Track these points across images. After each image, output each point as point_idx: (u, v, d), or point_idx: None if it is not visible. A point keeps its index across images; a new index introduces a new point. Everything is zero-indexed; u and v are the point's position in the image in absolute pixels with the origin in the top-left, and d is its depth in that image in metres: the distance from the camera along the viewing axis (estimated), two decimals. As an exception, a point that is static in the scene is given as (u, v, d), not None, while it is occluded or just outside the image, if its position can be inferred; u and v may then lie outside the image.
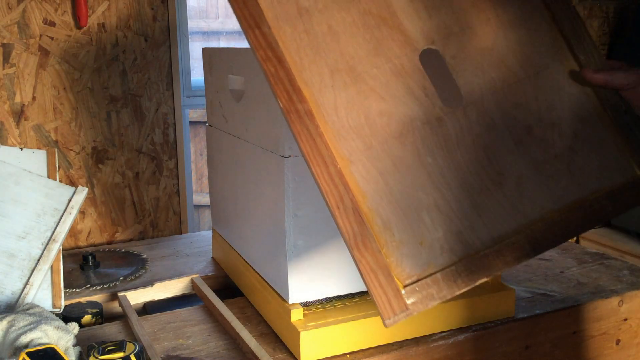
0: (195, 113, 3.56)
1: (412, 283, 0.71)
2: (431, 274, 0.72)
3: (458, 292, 0.72)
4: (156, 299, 1.26)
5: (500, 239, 0.75)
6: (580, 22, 0.82)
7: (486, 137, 0.77)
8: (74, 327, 1.01)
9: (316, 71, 0.73)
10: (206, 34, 4.50)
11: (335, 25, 0.75)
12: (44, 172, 1.20)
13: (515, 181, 0.77)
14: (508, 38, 0.80)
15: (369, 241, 0.71)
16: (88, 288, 1.27)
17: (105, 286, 1.28)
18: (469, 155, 0.76)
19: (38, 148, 1.43)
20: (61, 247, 1.16)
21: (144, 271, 1.37)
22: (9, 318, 0.96)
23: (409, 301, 0.70)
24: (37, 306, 1.04)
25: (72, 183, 1.60)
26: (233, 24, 4.50)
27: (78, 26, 1.55)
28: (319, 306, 1.03)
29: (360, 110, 0.74)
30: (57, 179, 1.20)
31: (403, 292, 0.71)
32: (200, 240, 1.61)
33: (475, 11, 0.80)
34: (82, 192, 1.20)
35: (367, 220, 0.71)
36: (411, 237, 0.72)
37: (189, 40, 1.74)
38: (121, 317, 1.16)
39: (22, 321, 0.95)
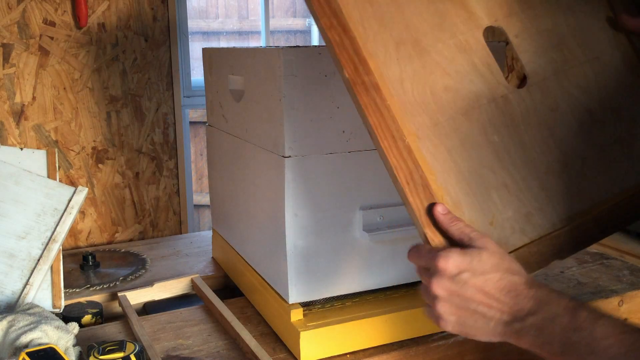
0: (195, 113, 3.56)
1: None
2: None
3: (532, 273, 0.70)
4: (156, 299, 1.26)
5: (569, 220, 0.73)
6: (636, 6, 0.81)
7: (550, 118, 0.75)
8: (74, 327, 1.01)
9: (381, 42, 0.71)
10: (206, 34, 4.50)
11: (405, 6, 0.72)
12: (44, 172, 1.20)
13: (579, 163, 0.75)
14: (568, 21, 0.79)
15: None
16: (88, 288, 1.27)
17: (105, 286, 1.28)
18: (534, 135, 0.74)
19: (38, 148, 1.43)
20: (61, 247, 1.16)
21: (144, 271, 1.37)
22: (9, 318, 0.96)
23: None
24: (37, 306, 1.04)
25: (72, 183, 1.60)
26: (233, 24, 4.50)
27: (78, 26, 1.55)
28: (319, 306, 1.03)
29: (426, 85, 0.71)
30: (57, 179, 1.20)
31: None
32: (200, 240, 1.61)
33: None
34: (82, 192, 1.20)
35: (437, 197, 0.69)
36: (481, 216, 0.71)
37: (189, 40, 1.74)
38: (121, 317, 1.16)
39: (22, 321, 0.95)
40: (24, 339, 0.91)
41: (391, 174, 0.69)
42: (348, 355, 0.99)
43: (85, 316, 1.12)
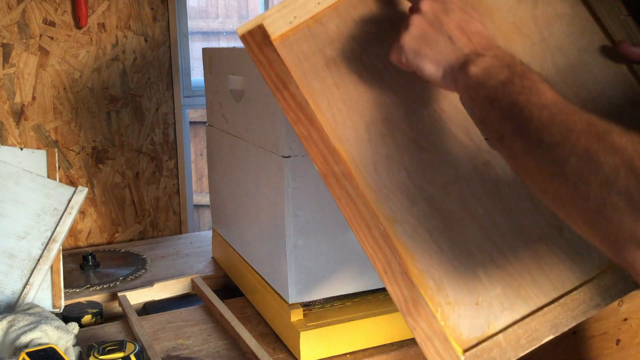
0: (195, 113, 3.56)
1: (472, 347, 0.65)
2: (492, 336, 0.66)
3: (523, 354, 0.65)
4: (156, 299, 1.26)
5: (566, 291, 0.67)
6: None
7: None
8: (74, 327, 1.01)
9: (350, 126, 0.67)
10: (206, 34, 4.50)
11: (366, 72, 0.69)
12: (44, 172, 1.20)
13: None
14: (557, 64, 0.73)
15: (421, 306, 0.65)
16: (88, 288, 1.27)
17: (105, 286, 1.28)
18: (522, 199, 0.69)
19: (38, 148, 1.43)
20: (61, 247, 1.16)
21: (144, 271, 1.37)
22: (9, 318, 0.96)
23: None
24: (37, 306, 1.04)
25: (72, 183, 1.60)
26: (233, 24, 4.50)
27: (78, 26, 1.55)
28: (319, 306, 1.03)
29: (401, 164, 0.68)
30: (57, 179, 1.20)
31: (462, 358, 0.65)
32: (200, 240, 1.61)
33: (513, 38, 0.73)
34: (82, 192, 1.20)
35: (417, 282, 0.65)
36: (467, 297, 0.66)
37: (189, 40, 1.74)
38: (121, 317, 1.16)
39: (22, 321, 0.95)
40: (24, 339, 0.91)
41: (372, 263, 0.67)
42: (348, 355, 0.99)
43: (85, 316, 1.12)
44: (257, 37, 0.67)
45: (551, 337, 0.66)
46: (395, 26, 0.68)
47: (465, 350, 0.65)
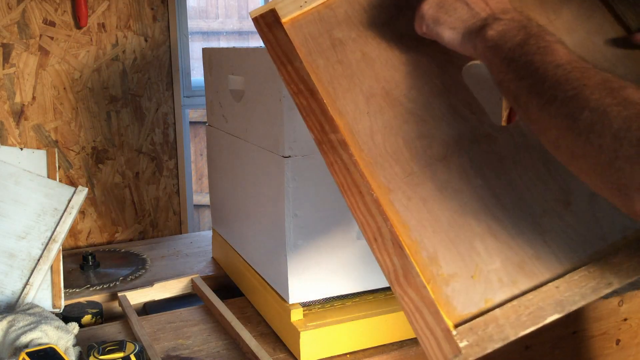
0: (195, 113, 3.56)
1: (465, 322, 0.60)
2: (488, 311, 0.60)
3: (524, 333, 0.60)
4: (156, 299, 1.26)
5: (575, 267, 0.62)
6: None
7: (544, 151, 0.65)
8: (74, 327, 1.01)
9: (350, 99, 0.69)
10: (206, 34, 4.50)
11: (370, 51, 0.72)
12: (44, 172, 1.20)
13: (586, 199, 0.64)
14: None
15: (412, 275, 0.61)
16: (88, 288, 1.27)
17: (105, 286, 1.28)
18: (527, 173, 0.66)
19: (38, 148, 1.43)
20: (61, 247, 1.16)
21: (144, 271, 1.37)
22: (9, 318, 0.96)
23: (462, 344, 0.59)
24: (37, 306, 1.04)
25: (72, 183, 1.60)
26: (233, 24, 4.50)
27: (78, 26, 1.55)
28: (319, 306, 1.03)
29: (399, 135, 0.68)
30: (57, 179, 1.20)
31: (454, 332, 0.59)
32: (200, 240, 1.61)
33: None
34: (82, 192, 1.20)
35: (409, 253, 0.62)
36: (463, 270, 0.63)
37: (189, 40, 1.74)
38: (121, 317, 1.16)
39: (22, 321, 0.95)
40: (24, 339, 0.91)
41: (361, 231, 0.65)
42: (348, 355, 0.99)
43: (85, 316, 1.12)
44: (269, 19, 0.72)
45: (556, 316, 0.60)
46: (402, 11, 0.73)
47: (457, 325, 0.60)
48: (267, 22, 0.72)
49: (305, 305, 1.02)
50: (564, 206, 0.65)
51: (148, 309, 1.23)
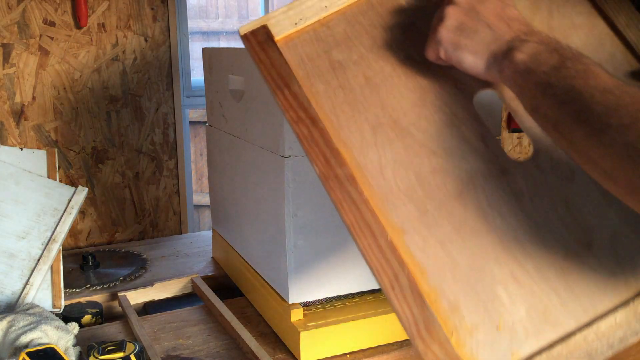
0: (195, 113, 3.56)
1: None
2: None
3: None
4: (156, 299, 1.26)
5: (599, 314, 0.59)
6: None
7: (565, 189, 0.63)
8: (74, 327, 1.01)
9: (355, 128, 0.64)
10: (206, 34, 4.50)
11: (373, 76, 0.66)
12: (44, 172, 1.20)
13: (608, 240, 0.62)
14: None
15: (434, 328, 0.57)
16: (88, 288, 1.27)
17: (105, 286, 1.28)
18: (546, 211, 0.62)
19: (38, 148, 1.43)
20: (61, 247, 1.16)
21: (144, 271, 1.37)
22: (9, 318, 0.96)
23: None
24: (37, 306, 1.04)
25: (72, 183, 1.60)
26: (233, 24, 4.50)
27: (78, 26, 1.55)
28: (319, 306, 1.03)
29: (410, 169, 0.63)
30: (57, 179, 1.20)
31: None
32: (200, 240, 1.61)
33: None
34: (82, 192, 1.20)
35: (429, 301, 0.58)
36: (486, 319, 0.59)
37: (189, 40, 1.74)
38: (121, 317, 1.16)
39: (22, 321, 0.95)
40: (24, 339, 0.91)
41: (375, 277, 0.60)
42: (348, 355, 0.99)
43: (85, 316, 1.12)
44: (260, 37, 0.66)
45: None
46: (406, 33, 0.68)
47: None
48: (259, 40, 0.66)
49: (305, 305, 1.02)
50: (585, 247, 0.61)
51: (148, 309, 1.23)
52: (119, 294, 1.21)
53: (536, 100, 0.55)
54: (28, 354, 0.85)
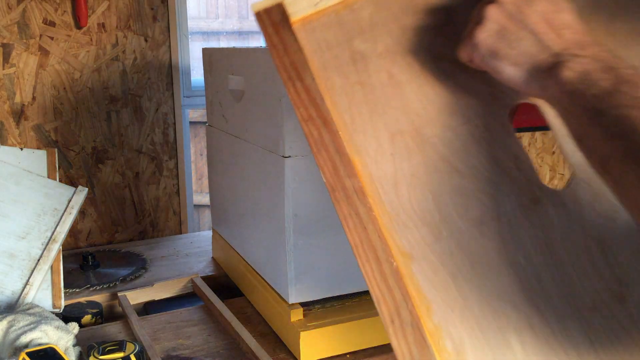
0: (195, 113, 3.56)
1: None
2: None
3: None
4: (156, 299, 1.26)
5: None
6: None
7: (603, 229, 0.56)
8: (74, 327, 1.01)
9: (372, 134, 0.55)
10: (206, 34, 4.50)
11: (399, 73, 0.57)
12: (44, 172, 1.20)
13: None
14: None
15: None
16: (88, 288, 1.27)
17: (105, 286, 1.28)
18: (578, 253, 0.55)
19: (38, 148, 1.43)
20: (61, 247, 1.16)
21: (144, 271, 1.37)
22: (9, 318, 0.96)
23: None
24: (37, 306, 1.04)
25: (72, 183, 1.60)
26: (233, 24, 4.50)
27: (78, 26, 1.55)
28: (319, 306, 1.03)
29: (428, 187, 0.55)
30: (57, 179, 1.20)
31: None
32: (200, 240, 1.61)
33: None
34: (82, 192, 1.20)
35: (431, 341, 0.52)
36: None
37: (189, 40, 1.74)
38: (121, 317, 1.16)
39: (22, 321, 0.95)
40: (24, 339, 0.91)
41: (376, 306, 0.55)
42: (348, 355, 0.99)
43: (85, 316, 1.12)
44: (275, 16, 0.56)
45: None
46: (441, 28, 0.58)
47: None
48: (273, 21, 0.56)
49: (305, 305, 1.02)
50: (617, 301, 0.54)
51: (148, 309, 1.23)
52: (119, 294, 1.21)
53: (582, 128, 0.47)
54: (28, 354, 0.85)
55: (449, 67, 0.58)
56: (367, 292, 1.06)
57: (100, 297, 1.23)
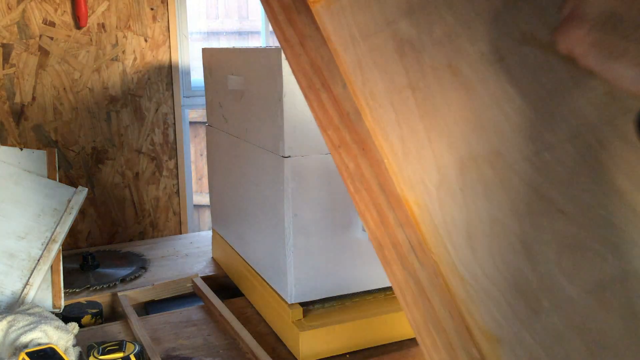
0: (195, 113, 3.56)
1: None
2: None
3: None
4: (156, 299, 1.26)
5: None
6: None
7: None
8: (73, 327, 1.01)
9: (431, 161, 0.40)
10: (206, 34, 4.50)
11: (467, 68, 0.41)
12: (44, 172, 1.20)
13: None
14: None
15: None
16: (88, 288, 1.27)
17: (105, 286, 1.28)
18: None
19: (38, 148, 1.43)
20: (61, 247, 1.16)
21: (144, 271, 1.37)
22: (9, 318, 0.96)
23: None
24: (37, 306, 1.04)
25: (72, 183, 1.60)
26: (233, 24, 4.50)
27: (78, 26, 1.55)
28: (319, 306, 1.03)
29: (517, 238, 0.39)
30: (57, 179, 1.20)
31: None
32: (200, 240, 1.61)
33: None
34: (82, 192, 1.20)
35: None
36: None
37: (189, 40, 1.74)
38: (121, 317, 1.16)
39: (22, 321, 0.95)
40: (24, 339, 0.91)
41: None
42: (348, 356, 0.99)
43: (85, 316, 1.12)
44: None
45: None
46: None
47: None
48: (285, 5, 0.42)
49: (305, 305, 1.02)
50: None
51: (148, 309, 1.23)
52: (119, 294, 1.21)
53: None
54: (28, 354, 0.85)
55: (541, 55, 0.41)
56: (367, 292, 1.07)
57: (100, 297, 1.23)
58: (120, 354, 0.90)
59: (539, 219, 0.39)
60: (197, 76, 1.76)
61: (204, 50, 1.35)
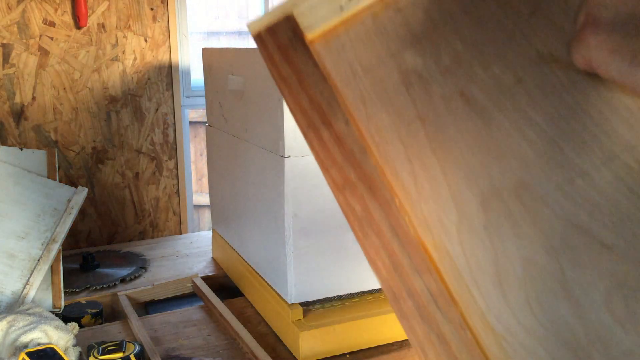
0: (195, 113, 3.56)
1: None
2: None
3: None
4: (156, 299, 1.26)
5: None
6: None
7: None
8: (73, 327, 1.01)
9: (449, 198, 0.36)
10: (206, 34, 4.50)
11: (481, 94, 0.37)
12: (44, 172, 1.20)
13: None
14: None
15: None
16: (88, 288, 1.27)
17: (105, 286, 1.28)
18: None
19: (38, 148, 1.43)
20: (61, 247, 1.16)
21: (144, 271, 1.37)
22: (9, 318, 0.96)
23: None
24: (37, 306, 1.04)
25: (72, 183, 1.60)
26: (233, 24, 4.50)
27: (78, 26, 1.55)
28: (319, 306, 1.03)
29: (556, 280, 0.34)
30: (57, 179, 1.20)
31: None
32: (200, 240, 1.61)
33: None
34: (82, 192, 1.20)
35: None
36: None
37: (189, 40, 1.74)
38: (121, 317, 1.16)
39: (22, 321, 0.95)
40: (24, 339, 0.91)
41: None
42: (347, 356, 0.99)
43: (85, 316, 1.12)
44: (282, 36, 0.38)
45: None
46: (541, 5, 0.38)
47: None
48: (280, 44, 0.38)
49: (305, 305, 1.02)
50: None
51: (148, 309, 1.23)
52: (119, 294, 1.21)
53: None
54: (28, 354, 0.85)
55: (562, 73, 0.37)
56: (367, 292, 1.07)
57: (100, 297, 1.23)
58: (120, 354, 0.90)
59: (579, 256, 0.34)
60: (197, 76, 1.76)
61: (204, 50, 1.35)
